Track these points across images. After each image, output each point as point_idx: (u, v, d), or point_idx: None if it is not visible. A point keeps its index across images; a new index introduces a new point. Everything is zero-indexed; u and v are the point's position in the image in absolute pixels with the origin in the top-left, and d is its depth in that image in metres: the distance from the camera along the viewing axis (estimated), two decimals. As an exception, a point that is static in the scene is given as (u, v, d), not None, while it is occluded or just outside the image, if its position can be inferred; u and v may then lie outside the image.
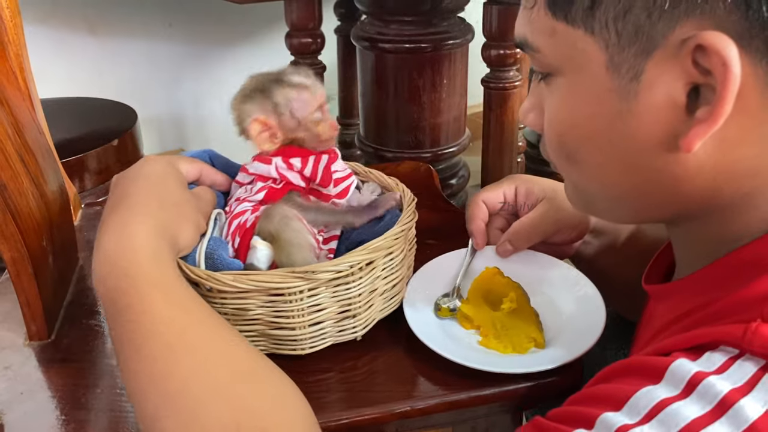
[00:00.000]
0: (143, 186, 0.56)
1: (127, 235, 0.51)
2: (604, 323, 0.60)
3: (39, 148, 0.67)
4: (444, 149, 1.53)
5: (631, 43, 0.41)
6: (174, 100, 2.09)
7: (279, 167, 0.63)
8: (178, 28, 2.03)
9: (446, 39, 1.41)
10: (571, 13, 0.43)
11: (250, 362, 0.50)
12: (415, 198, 0.65)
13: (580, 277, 0.66)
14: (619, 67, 0.42)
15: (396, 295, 0.63)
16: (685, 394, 0.37)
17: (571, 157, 0.48)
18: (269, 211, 0.60)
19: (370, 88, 1.50)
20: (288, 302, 0.56)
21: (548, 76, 0.47)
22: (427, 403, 0.56)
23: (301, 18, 1.38)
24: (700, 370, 0.37)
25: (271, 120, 0.62)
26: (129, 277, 0.49)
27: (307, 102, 0.63)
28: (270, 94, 0.62)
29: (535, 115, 0.52)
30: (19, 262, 0.61)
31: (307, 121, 0.63)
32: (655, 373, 0.38)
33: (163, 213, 0.54)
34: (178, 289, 0.51)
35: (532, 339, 0.61)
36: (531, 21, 0.46)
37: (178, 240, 0.55)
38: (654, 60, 0.40)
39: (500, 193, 0.72)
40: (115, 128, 1.45)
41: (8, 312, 0.69)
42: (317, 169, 0.64)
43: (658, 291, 0.53)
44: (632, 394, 0.38)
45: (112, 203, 0.55)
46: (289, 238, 0.58)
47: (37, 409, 0.57)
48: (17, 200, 0.60)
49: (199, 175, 0.65)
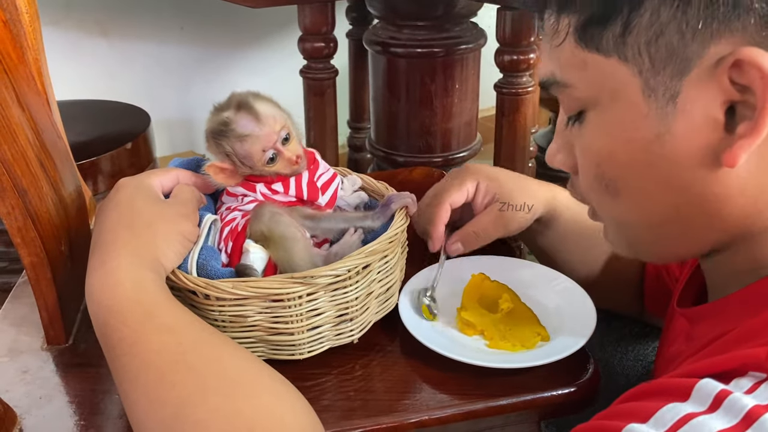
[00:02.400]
0: (115, 217, 0.56)
1: (106, 273, 0.52)
2: (594, 307, 0.63)
3: (58, 153, 0.68)
4: (455, 154, 1.52)
5: (666, 66, 0.41)
6: (185, 102, 2.09)
7: (263, 193, 0.64)
8: (190, 31, 2.04)
9: (459, 44, 1.41)
10: (602, 43, 0.43)
11: (248, 376, 0.50)
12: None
13: (555, 273, 0.69)
14: (655, 91, 0.42)
15: (390, 298, 0.64)
16: (712, 410, 0.37)
17: (610, 187, 0.48)
18: (257, 210, 0.60)
19: (381, 93, 1.50)
20: (287, 307, 0.57)
21: (580, 114, 0.47)
22: (445, 413, 0.56)
23: (315, 22, 1.38)
24: (726, 388, 0.37)
25: (225, 164, 0.62)
26: (116, 313, 0.50)
27: (251, 151, 0.61)
28: (219, 143, 0.62)
29: (563, 156, 0.52)
30: (38, 267, 0.61)
31: (258, 165, 0.62)
32: (681, 392, 0.38)
33: (137, 240, 0.54)
34: (166, 313, 0.51)
35: (537, 333, 0.62)
36: (559, 58, 0.46)
37: (160, 260, 0.55)
38: (690, 80, 0.40)
39: (464, 194, 0.71)
40: (129, 131, 1.45)
41: (25, 316, 0.69)
42: (301, 188, 0.64)
43: (691, 314, 0.53)
44: (658, 410, 0.38)
45: (93, 240, 0.56)
46: (282, 233, 0.58)
47: (55, 414, 0.57)
48: (37, 205, 0.60)
49: (175, 183, 0.63)
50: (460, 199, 0.71)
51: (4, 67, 0.57)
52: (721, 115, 0.40)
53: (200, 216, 0.62)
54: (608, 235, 0.54)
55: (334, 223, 0.64)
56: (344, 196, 0.69)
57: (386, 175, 1.00)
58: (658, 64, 0.41)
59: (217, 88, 2.09)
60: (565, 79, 0.46)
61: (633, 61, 0.42)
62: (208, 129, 0.63)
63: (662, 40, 0.40)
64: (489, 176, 0.72)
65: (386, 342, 0.63)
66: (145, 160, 1.46)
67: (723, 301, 0.48)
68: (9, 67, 0.58)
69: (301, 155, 0.63)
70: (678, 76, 0.41)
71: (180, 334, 0.50)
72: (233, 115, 0.61)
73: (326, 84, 1.45)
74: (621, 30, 0.41)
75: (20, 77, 0.61)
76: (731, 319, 0.45)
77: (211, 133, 0.63)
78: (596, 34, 0.43)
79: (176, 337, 0.50)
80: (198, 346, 0.50)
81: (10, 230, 0.59)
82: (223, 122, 0.62)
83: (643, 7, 0.40)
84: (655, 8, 0.40)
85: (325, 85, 1.45)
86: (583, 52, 0.44)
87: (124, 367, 0.49)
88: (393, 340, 0.64)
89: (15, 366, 0.63)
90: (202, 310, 0.57)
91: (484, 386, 0.57)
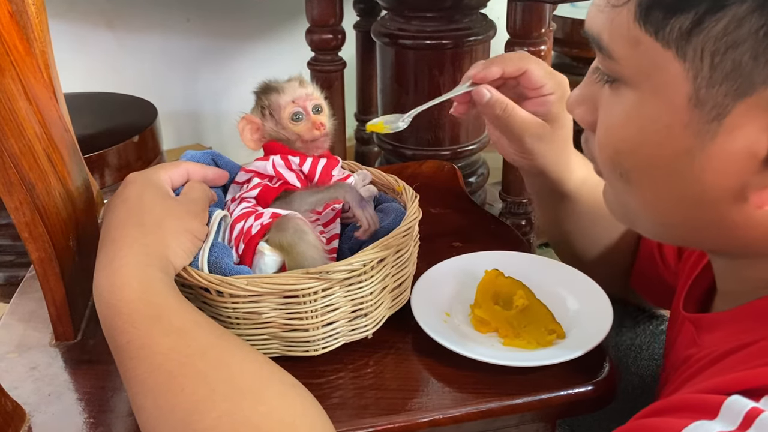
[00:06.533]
0: (123, 214, 0.55)
1: (113, 272, 0.51)
2: (611, 305, 0.62)
3: (65, 146, 0.67)
4: (464, 147, 1.51)
5: (725, 81, 0.37)
6: (192, 95, 2.08)
7: (276, 164, 0.64)
8: (197, 23, 2.02)
9: (468, 35, 1.39)
10: (664, 31, 0.38)
11: (258, 380, 0.48)
12: (417, 195, 0.65)
13: (570, 269, 0.68)
14: (704, 104, 0.38)
15: (403, 293, 0.64)
16: (742, 429, 0.35)
17: (624, 176, 0.45)
18: (282, 221, 0.59)
19: (389, 85, 1.48)
20: (302, 303, 0.56)
21: (616, 81, 0.43)
22: (459, 412, 0.55)
23: (322, 14, 1.36)
24: (757, 406, 0.36)
25: (255, 117, 0.66)
26: (123, 314, 0.49)
27: (279, 100, 0.65)
28: (258, 98, 0.67)
29: (584, 111, 0.49)
30: (46, 262, 0.60)
31: (283, 119, 0.65)
32: (709, 409, 0.37)
33: (145, 238, 0.53)
34: (175, 314, 0.50)
35: (552, 331, 0.60)
36: (613, 22, 0.41)
37: (169, 259, 0.53)
38: (745, 105, 0.37)
39: (523, 68, 0.66)
40: (136, 124, 1.44)
41: (33, 311, 0.69)
42: (316, 168, 0.64)
43: (703, 321, 0.51)
44: (684, 427, 0.36)
45: (101, 237, 0.54)
46: (303, 252, 0.58)
47: (64, 412, 0.57)
48: (45, 200, 0.59)
49: (185, 178, 0.62)
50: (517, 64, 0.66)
51: (11, 60, 0.56)
52: (764, 149, 0.37)
53: (209, 212, 0.61)
54: (607, 195, 0.52)
55: (314, 196, 0.63)
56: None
57: (396, 168, 0.99)
58: (717, 76, 0.37)
59: (224, 80, 2.08)
60: (611, 50, 0.42)
61: (691, 62, 0.38)
62: (257, 87, 0.67)
63: (731, 54, 0.36)
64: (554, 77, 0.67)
65: (399, 338, 0.62)
66: (152, 153, 1.46)
67: (737, 311, 0.46)
68: (16, 59, 0.57)
69: (327, 127, 0.66)
70: (734, 96, 0.37)
71: (188, 336, 0.49)
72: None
73: (334, 76, 1.44)
74: (690, 26, 0.37)
75: (27, 69, 0.60)
76: (749, 331, 0.43)
77: (258, 89, 0.67)
78: (662, 19, 0.38)
79: (184, 339, 0.49)
80: (207, 349, 0.49)
81: (18, 225, 0.58)
82: (273, 79, 0.67)
83: (724, 13, 0.36)
84: (737, 19, 0.36)
85: (333, 77, 1.44)
86: (640, 30, 0.39)
87: (132, 370, 0.48)
88: (405, 337, 0.63)
89: (23, 362, 0.62)
90: (215, 308, 0.57)
91: (498, 384, 0.56)
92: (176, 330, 0.49)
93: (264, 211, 0.61)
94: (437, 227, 0.80)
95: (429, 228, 0.71)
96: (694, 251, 0.61)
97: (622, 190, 0.47)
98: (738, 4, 0.35)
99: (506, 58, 0.68)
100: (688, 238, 0.48)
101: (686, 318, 0.54)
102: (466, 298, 0.65)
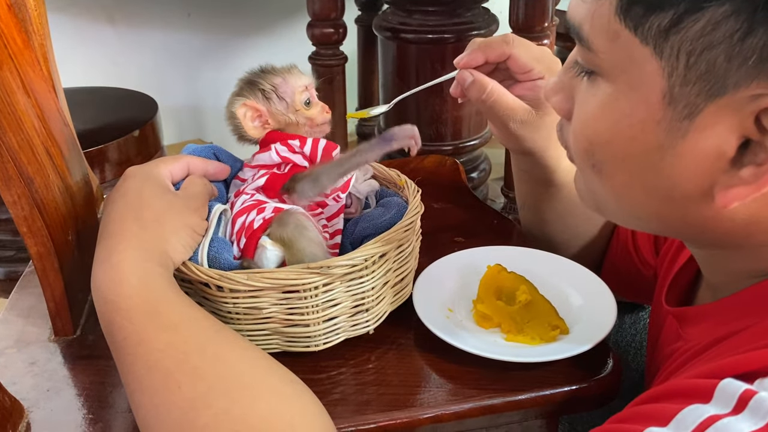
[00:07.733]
0: (122, 208, 0.54)
1: (111, 267, 0.50)
2: (614, 300, 0.61)
3: (64, 140, 0.66)
4: (466, 142, 1.51)
5: (698, 81, 0.38)
6: (193, 90, 2.08)
7: (279, 150, 0.63)
8: (197, 18, 2.02)
9: (470, 29, 1.39)
10: (644, 27, 0.39)
11: (256, 377, 0.48)
12: (419, 189, 0.64)
13: (573, 264, 0.68)
14: (677, 102, 0.39)
15: (405, 288, 0.63)
16: (737, 411, 0.35)
17: (596, 167, 0.46)
18: (283, 216, 0.59)
19: (391, 79, 1.48)
20: (303, 299, 0.55)
21: (594, 73, 0.44)
22: (461, 407, 0.54)
23: (323, 8, 1.36)
24: (750, 388, 0.36)
25: (259, 105, 0.63)
26: (121, 310, 0.48)
27: (293, 83, 0.63)
28: (256, 83, 0.63)
29: (561, 99, 0.49)
30: (45, 257, 0.60)
31: (296, 102, 0.63)
32: (703, 393, 0.37)
33: (144, 233, 0.52)
34: (173, 310, 0.49)
35: (555, 326, 0.60)
36: (594, 14, 0.41)
37: (168, 254, 0.53)
38: (716, 105, 0.38)
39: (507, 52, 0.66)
40: (136, 118, 1.43)
41: (33, 306, 0.68)
42: (317, 149, 0.63)
43: (688, 314, 0.51)
44: (679, 411, 0.36)
45: (100, 231, 0.54)
46: (303, 248, 0.57)
47: (63, 407, 0.56)
48: (44, 194, 0.59)
49: (186, 172, 0.62)
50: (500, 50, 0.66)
51: (9, 53, 0.56)
52: (732, 150, 0.38)
53: (209, 207, 0.60)
54: (578, 183, 0.52)
55: (332, 175, 0.62)
56: (355, 184, 0.67)
57: (398, 163, 0.98)
58: (691, 76, 0.38)
59: (224, 75, 2.06)
60: (590, 41, 0.42)
61: (667, 60, 0.38)
62: (243, 78, 0.64)
63: (706, 55, 0.37)
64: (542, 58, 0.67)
65: (401, 334, 0.62)
66: (152, 148, 1.45)
67: (722, 302, 0.47)
68: (14, 52, 0.57)
69: (329, 113, 0.66)
70: (706, 96, 0.38)
71: (186, 332, 0.48)
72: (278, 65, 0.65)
73: (335, 71, 1.43)
74: (668, 24, 0.37)
75: (26, 63, 0.59)
76: (736, 320, 0.43)
77: (247, 78, 0.64)
78: (641, 15, 0.39)
79: (182, 336, 0.48)
80: (205, 345, 0.48)
81: (16, 220, 0.58)
82: (267, 65, 0.64)
83: (702, 14, 0.36)
84: (713, 22, 0.36)
85: (334, 71, 1.43)
86: (619, 25, 0.40)
87: (129, 366, 0.47)
88: (407, 332, 0.62)
89: (22, 357, 0.62)
90: (214, 303, 0.56)
91: (501, 380, 0.56)
92: (174, 326, 0.48)
93: (266, 205, 0.61)
94: (439, 222, 0.79)
95: (431, 223, 0.71)
96: (671, 247, 0.62)
97: (594, 180, 0.48)
98: (716, 7, 0.36)
99: (491, 43, 0.67)
100: (660, 230, 0.48)
101: (669, 312, 0.54)
102: (468, 294, 0.64)
